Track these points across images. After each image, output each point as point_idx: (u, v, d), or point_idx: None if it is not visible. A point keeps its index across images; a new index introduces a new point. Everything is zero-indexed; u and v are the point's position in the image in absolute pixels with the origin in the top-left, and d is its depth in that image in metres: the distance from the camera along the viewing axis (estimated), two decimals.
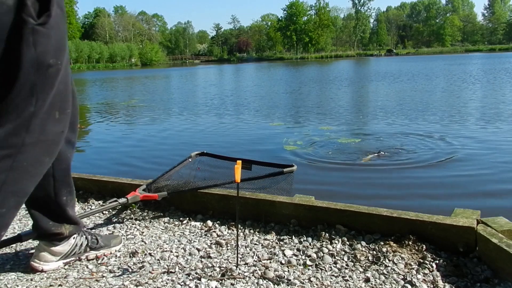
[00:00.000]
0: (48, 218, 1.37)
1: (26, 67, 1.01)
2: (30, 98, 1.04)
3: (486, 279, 1.31)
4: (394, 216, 1.57)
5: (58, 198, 1.36)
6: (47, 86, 1.07)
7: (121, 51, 71.15)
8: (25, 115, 1.04)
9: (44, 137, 1.09)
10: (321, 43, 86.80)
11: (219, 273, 1.40)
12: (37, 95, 1.05)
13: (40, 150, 1.10)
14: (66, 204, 1.40)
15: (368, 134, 5.23)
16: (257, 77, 21.51)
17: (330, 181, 3.29)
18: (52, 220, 1.39)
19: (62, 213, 1.39)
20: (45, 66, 1.05)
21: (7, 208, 1.06)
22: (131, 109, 9.32)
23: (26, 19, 1.00)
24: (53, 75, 1.07)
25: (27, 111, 1.04)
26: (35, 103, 1.05)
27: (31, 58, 1.01)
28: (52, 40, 1.05)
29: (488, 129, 5.14)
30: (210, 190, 1.97)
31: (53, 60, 1.06)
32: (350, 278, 1.36)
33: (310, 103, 8.87)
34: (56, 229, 1.40)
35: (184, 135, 5.79)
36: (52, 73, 1.07)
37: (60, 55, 1.09)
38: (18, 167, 1.05)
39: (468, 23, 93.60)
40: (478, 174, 3.34)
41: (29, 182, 1.10)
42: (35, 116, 1.06)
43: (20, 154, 1.04)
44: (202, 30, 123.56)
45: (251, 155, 4.31)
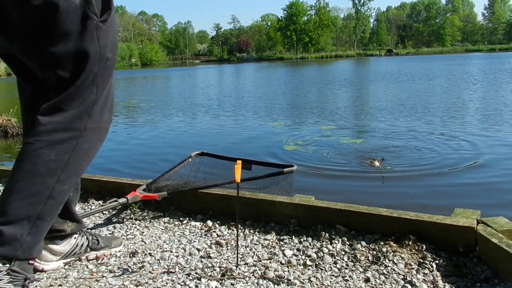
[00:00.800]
0: None
1: (92, 59, 1.14)
2: (92, 87, 1.17)
3: (486, 279, 1.31)
4: (394, 216, 1.57)
5: None
6: (105, 78, 1.20)
7: (121, 51, 71.05)
8: (88, 102, 1.17)
9: (100, 124, 1.22)
10: (321, 43, 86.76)
11: (219, 273, 1.40)
12: (97, 85, 1.17)
13: (97, 135, 1.22)
14: (72, 200, 1.42)
15: (368, 134, 5.23)
16: (257, 78, 21.51)
17: (330, 181, 3.29)
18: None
19: (66, 209, 1.40)
20: (105, 59, 1.17)
21: (68, 186, 1.18)
22: (131, 109, 9.32)
23: (91, 16, 1.12)
24: (110, 67, 1.21)
25: (89, 98, 1.17)
26: (96, 92, 1.18)
27: (95, 51, 1.14)
28: (110, 36, 1.18)
29: (488, 129, 5.14)
30: (210, 190, 1.97)
31: (110, 54, 1.19)
32: (350, 278, 1.36)
33: (310, 103, 8.87)
34: (59, 226, 1.41)
35: (184, 135, 5.79)
36: (110, 65, 1.20)
37: (115, 50, 1.22)
38: (80, 149, 1.17)
39: (468, 23, 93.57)
40: (478, 174, 3.34)
41: (85, 164, 1.22)
42: (96, 103, 1.18)
43: (82, 137, 1.17)
44: (202, 30, 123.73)
45: (251, 155, 4.31)
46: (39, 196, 1.12)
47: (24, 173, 1.11)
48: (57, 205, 1.17)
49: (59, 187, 1.15)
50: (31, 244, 1.13)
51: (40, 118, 1.14)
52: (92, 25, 1.13)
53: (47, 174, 1.12)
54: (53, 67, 1.14)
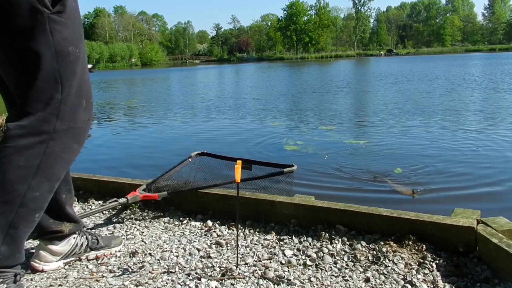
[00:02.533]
0: (48, 215, 1.38)
1: (46, 54, 1.07)
2: (55, 85, 1.10)
3: (486, 279, 1.31)
4: (394, 216, 1.57)
5: (58, 195, 1.37)
6: (70, 74, 1.13)
7: (121, 51, 71.15)
8: (54, 102, 1.10)
9: (75, 124, 1.16)
10: (321, 43, 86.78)
11: (219, 273, 1.40)
12: (61, 83, 1.11)
13: (71, 136, 1.16)
14: (65, 202, 1.41)
15: (368, 134, 5.23)
16: (257, 78, 21.51)
17: (330, 181, 3.29)
18: (52, 217, 1.39)
19: (61, 210, 1.41)
20: (64, 53, 1.10)
21: (41, 192, 1.12)
22: (131, 110, 9.32)
23: (41, 8, 1.05)
24: (73, 62, 1.13)
25: (55, 98, 1.10)
26: (61, 91, 1.11)
27: (49, 45, 1.07)
28: (69, 29, 1.11)
29: (488, 130, 5.14)
30: (210, 190, 1.96)
31: (72, 48, 1.12)
32: (350, 278, 1.36)
33: (310, 104, 8.87)
34: (56, 227, 1.41)
35: (184, 135, 5.79)
36: (73, 60, 1.13)
37: (78, 43, 1.14)
38: (51, 152, 1.11)
39: (468, 23, 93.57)
40: (478, 174, 3.34)
41: (61, 168, 1.17)
42: (64, 103, 1.12)
43: (52, 140, 1.11)
44: (202, 30, 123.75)
45: (251, 155, 4.31)
46: (9, 204, 1.07)
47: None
48: (31, 213, 1.12)
49: (31, 194, 1.10)
50: (8, 253, 1.10)
51: (8, 124, 1.09)
52: (43, 18, 1.05)
53: (17, 181, 1.07)
54: (9, 68, 1.10)
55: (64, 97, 1.12)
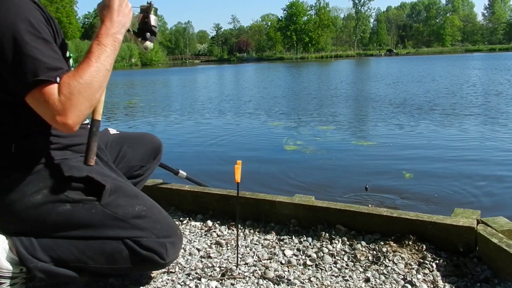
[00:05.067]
0: None
1: None
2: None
3: (486, 279, 1.31)
4: (394, 216, 1.57)
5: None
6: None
7: (121, 51, 70.81)
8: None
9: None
10: (321, 43, 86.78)
11: (219, 273, 1.40)
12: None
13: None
14: None
15: (368, 134, 5.23)
16: (257, 78, 21.51)
17: (330, 181, 3.29)
18: None
19: None
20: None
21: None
22: (131, 110, 9.32)
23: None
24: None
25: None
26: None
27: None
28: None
29: (489, 130, 5.14)
30: (210, 190, 1.97)
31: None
32: (350, 278, 1.36)
33: (310, 104, 8.87)
34: None
35: (184, 135, 5.79)
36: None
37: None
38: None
39: (468, 23, 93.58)
40: (478, 174, 3.34)
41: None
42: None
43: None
44: (202, 30, 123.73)
45: (251, 155, 4.31)
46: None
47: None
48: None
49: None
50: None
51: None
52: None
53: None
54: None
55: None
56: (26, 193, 1.14)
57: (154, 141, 1.69)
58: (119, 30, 1.15)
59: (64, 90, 1.01)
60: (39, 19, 1.05)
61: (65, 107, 1.01)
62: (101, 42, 1.09)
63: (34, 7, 1.06)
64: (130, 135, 1.66)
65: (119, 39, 1.14)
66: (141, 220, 1.21)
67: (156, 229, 1.22)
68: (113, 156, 1.52)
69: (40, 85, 1.00)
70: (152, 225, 1.22)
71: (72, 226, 1.17)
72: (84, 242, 1.17)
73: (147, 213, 1.23)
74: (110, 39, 1.11)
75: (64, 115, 1.01)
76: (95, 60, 1.07)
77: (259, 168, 3.67)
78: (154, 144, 1.68)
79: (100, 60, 1.08)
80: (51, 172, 1.17)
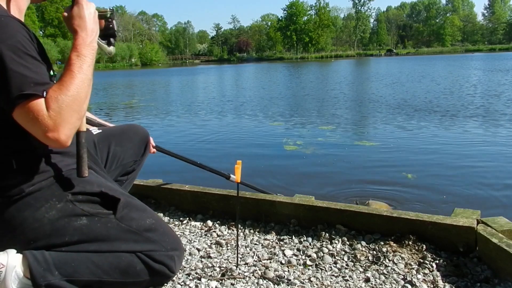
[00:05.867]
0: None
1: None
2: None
3: (486, 279, 1.31)
4: (394, 216, 1.57)
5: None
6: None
7: (121, 51, 71.07)
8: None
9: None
10: (321, 43, 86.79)
11: (219, 273, 1.40)
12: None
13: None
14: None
15: (368, 134, 5.23)
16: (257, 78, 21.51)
17: (330, 181, 3.29)
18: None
19: None
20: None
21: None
22: (131, 110, 9.32)
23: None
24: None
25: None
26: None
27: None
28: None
29: (489, 131, 5.14)
30: (210, 190, 1.97)
31: None
32: (350, 278, 1.36)
33: (310, 104, 8.87)
34: None
35: (183, 135, 5.79)
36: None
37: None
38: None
39: (468, 23, 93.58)
40: (478, 174, 3.34)
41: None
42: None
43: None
44: (202, 30, 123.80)
45: (251, 155, 4.31)
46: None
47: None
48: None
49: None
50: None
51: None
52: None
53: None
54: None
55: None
56: (39, 210, 1.12)
57: (140, 132, 1.66)
58: (94, 38, 1.14)
59: (53, 105, 1.00)
60: (25, 36, 1.04)
61: (56, 123, 0.99)
62: (80, 53, 1.08)
63: (19, 25, 1.05)
64: (114, 131, 1.61)
65: (95, 47, 1.14)
66: (152, 233, 1.22)
67: (165, 241, 1.23)
68: (104, 158, 1.50)
69: (27, 99, 0.98)
70: (161, 238, 1.23)
71: (88, 240, 1.16)
72: (99, 256, 1.16)
73: (157, 226, 1.25)
74: (89, 48, 1.11)
75: (56, 131, 1.00)
76: (77, 72, 1.06)
77: (259, 168, 3.67)
78: (140, 135, 1.66)
79: (82, 70, 1.07)
80: (62, 185, 1.16)
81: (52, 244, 1.14)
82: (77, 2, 1.13)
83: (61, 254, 1.14)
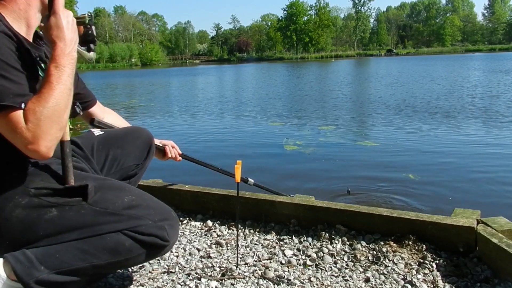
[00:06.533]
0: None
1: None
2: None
3: (486, 279, 1.31)
4: (394, 216, 1.57)
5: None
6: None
7: (121, 51, 71.13)
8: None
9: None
10: (321, 43, 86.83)
11: (219, 273, 1.40)
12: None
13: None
14: None
15: (368, 134, 5.23)
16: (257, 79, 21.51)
17: (330, 181, 3.29)
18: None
19: None
20: None
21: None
22: (131, 109, 9.32)
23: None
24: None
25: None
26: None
27: None
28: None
29: (489, 131, 5.14)
30: (210, 190, 1.97)
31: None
32: (350, 278, 1.36)
33: (310, 104, 8.87)
34: None
35: (183, 135, 5.79)
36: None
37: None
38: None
39: (468, 23, 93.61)
40: (478, 174, 3.34)
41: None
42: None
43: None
44: (202, 30, 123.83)
45: (251, 155, 4.31)
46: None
47: None
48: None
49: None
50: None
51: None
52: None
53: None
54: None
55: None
56: (4, 210, 1.11)
57: (143, 135, 1.61)
58: (73, 47, 1.13)
59: (31, 117, 0.99)
60: (9, 48, 1.03)
61: (34, 135, 0.99)
62: (59, 64, 1.07)
63: (4, 37, 1.04)
64: (116, 134, 1.58)
65: (74, 57, 1.13)
66: (134, 210, 1.19)
67: (151, 214, 1.20)
68: (101, 160, 1.47)
69: (4, 110, 0.98)
70: (145, 211, 1.20)
71: (65, 230, 1.14)
72: (83, 242, 1.14)
73: (137, 202, 1.21)
74: (67, 58, 1.09)
75: (36, 143, 0.99)
76: (56, 83, 1.05)
77: (259, 168, 3.67)
78: (143, 138, 1.60)
79: (61, 81, 1.06)
80: (23, 182, 1.14)
81: (29, 240, 1.13)
82: (54, 12, 1.11)
83: (42, 249, 1.12)
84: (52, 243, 1.13)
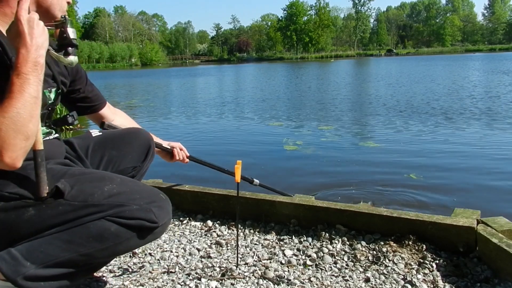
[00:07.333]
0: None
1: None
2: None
3: (486, 279, 1.31)
4: (394, 216, 1.57)
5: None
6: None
7: (121, 51, 71.18)
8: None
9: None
10: (321, 43, 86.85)
11: (219, 273, 1.40)
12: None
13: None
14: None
15: (368, 134, 5.23)
16: (257, 79, 21.51)
17: (330, 181, 3.29)
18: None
19: None
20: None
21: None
22: (131, 109, 9.32)
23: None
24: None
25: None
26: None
27: None
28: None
29: (489, 131, 5.14)
30: (210, 190, 1.97)
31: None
32: (350, 278, 1.36)
33: (310, 104, 8.87)
34: None
35: (183, 135, 5.79)
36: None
37: None
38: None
39: (468, 23, 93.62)
40: (478, 174, 3.34)
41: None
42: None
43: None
44: (202, 30, 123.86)
45: (251, 155, 4.31)
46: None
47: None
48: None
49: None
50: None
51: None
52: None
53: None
54: None
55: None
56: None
57: (141, 137, 1.57)
58: (38, 53, 1.08)
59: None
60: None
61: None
62: (20, 71, 1.04)
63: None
64: (114, 135, 1.55)
65: (40, 63, 1.08)
66: (115, 198, 1.15)
67: (136, 199, 1.17)
68: (96, 161, 1.46)
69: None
70: (129, 197, 1.17)
71: (45, 228, 1.12)
72: (66, 233, 1.12)
73: (119, 189, 1.18)
74: (30, 65, 1.05)
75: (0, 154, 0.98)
76: (17, 92, 1.02)
77: (259, 168, 3.67)
78: (141, 140, 1.56)
79: (23, 90, 1.03)
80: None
81: (13, 240, 1.12)
82: (16, 18, 1.08)
83: (26, 245, 1.11)
84: (36, 239, 1.12)
